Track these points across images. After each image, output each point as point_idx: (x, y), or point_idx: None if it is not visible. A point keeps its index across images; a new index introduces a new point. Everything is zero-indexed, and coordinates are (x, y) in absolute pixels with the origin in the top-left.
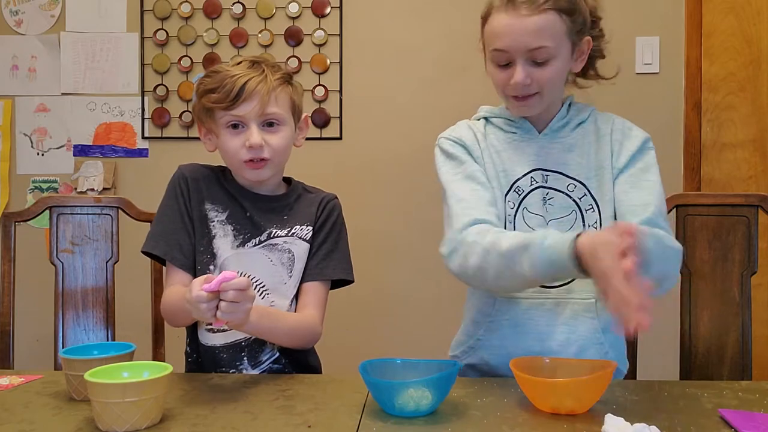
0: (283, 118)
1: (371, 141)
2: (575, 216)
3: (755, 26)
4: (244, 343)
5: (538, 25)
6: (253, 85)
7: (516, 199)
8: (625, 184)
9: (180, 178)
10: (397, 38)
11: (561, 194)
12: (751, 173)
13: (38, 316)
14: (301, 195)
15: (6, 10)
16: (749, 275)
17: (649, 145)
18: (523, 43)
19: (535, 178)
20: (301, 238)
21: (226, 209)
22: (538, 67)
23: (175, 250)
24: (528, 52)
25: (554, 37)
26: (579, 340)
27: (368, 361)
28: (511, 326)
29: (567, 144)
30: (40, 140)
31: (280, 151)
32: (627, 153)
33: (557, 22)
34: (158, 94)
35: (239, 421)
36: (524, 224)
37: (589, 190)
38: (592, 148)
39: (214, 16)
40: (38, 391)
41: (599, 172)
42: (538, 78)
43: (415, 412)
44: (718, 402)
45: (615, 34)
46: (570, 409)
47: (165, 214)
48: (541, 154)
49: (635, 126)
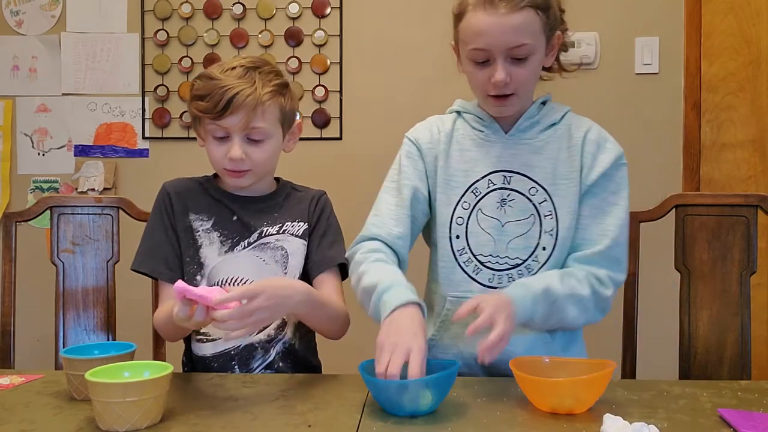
0: (268, 132)
1: (371, 141)
2: (533, 220)
3: (755, 26)
4: (233, 351)
5: (518, 23)
6: (241, 98)
7: (473, 200)
8: (593, 208)
9: (163, 195)
10: (397, 38)
11: (522, 197)
12: (751, 173)
13: (39, 316)
14: (290, 193)
15: (6, 10)
16: (748, 275)
17: (622, 161)
18: (503, 42)
19: (493, 181)
20: (293, 235)
21: (212, 217)
22: (517, 65)
23: (162, 266)
24: (508, 50)
25: (533, 34)
26: (527, 340)
27: (368, 360)
28: (461, 326)
29: (535, 146)
30: (40, 140)
31: (262, 163)
32: (599, 169)
33: (535, 18)
34: (159, 95)
35: (239, 421)
36: (478, 227)
37: (551, 196)
38: (562, 154)
39: (215, 16)
40: (39, 391)
41: (565, 181)
42: (518, 76)
43: (415, 411)
44: (718, 402)
45: (615, 34)
46: (569, 408)
47: (150, 231)
48: (505, 156)
49: (611, 138)
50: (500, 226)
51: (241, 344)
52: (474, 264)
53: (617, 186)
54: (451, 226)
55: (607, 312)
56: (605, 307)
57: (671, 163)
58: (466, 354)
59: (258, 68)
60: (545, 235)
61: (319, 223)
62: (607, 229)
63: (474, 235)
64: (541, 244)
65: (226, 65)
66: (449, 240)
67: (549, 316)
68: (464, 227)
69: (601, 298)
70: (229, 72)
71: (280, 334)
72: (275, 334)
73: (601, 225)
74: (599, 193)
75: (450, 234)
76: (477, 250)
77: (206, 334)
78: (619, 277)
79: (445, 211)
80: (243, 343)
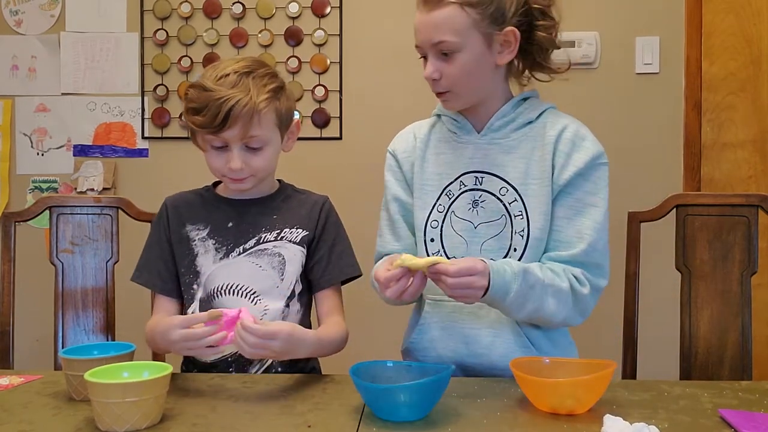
0: (266, 139)
1: (371, 141)
2: (505, 221)
3: (755, 26)
4: (230, 358)
5: (438, 19)
6: (238, 110)
7: (446, 203)
8: (567, 209)
9: (162, 209)
10: (397, 38)
11: (493, 198)
12: (751, 173)
13: (38, 316)
14: (291, 195)
15: (6, 10)
16: (749, 275)
17: (601, 161)
18: (427, 39)
19: (464, 182)
20: (291, 241)
21: (208, 225)
22: (445, 61)
23: (156, 278)
24: (432, 47)
25: (455, 30)
26: (504, 344)
27: (360, 363)
28: (440, 329)
29: (506, 146)
30: (40, 140)
31: (262, 169)
32: (572, 169)
33: (458, 14)
34: (158, 94)
35: (239, 421)
36: (451, 229)
37: (521, 196)
38: (535, 153)
39: (214, 16)
40: (38, 391)
41: (536, 181)
42: (447, 72)
43: (406, 416)
44: (718, 402)
45: (615, 34)
46: (570, 409)
47: (148, 245)
48: (476, 156)
49: (590, 137)
50: (473, 228)
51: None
52: None
53: (594, 186)
54: (425, 229)
55: (587, 316)
56: (584, 309)
57: (672, 163)
58: (444, 357)
59: (251, 73)
60: (516, 236)
61: (326, 232)
62: (583, 231)
63: (448, 238)
64: (513, 245)
65: (219, 71)
66: (424, 243)
67: (525, 300)
68: (438, 230)
69: (579, 295)
70: (222, 80)
71: None
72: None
73: (576, 227)
74: (573, 193)
75: (425, 237)
76: (451, 252)
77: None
78: (599, 282)
79: (421, 215)
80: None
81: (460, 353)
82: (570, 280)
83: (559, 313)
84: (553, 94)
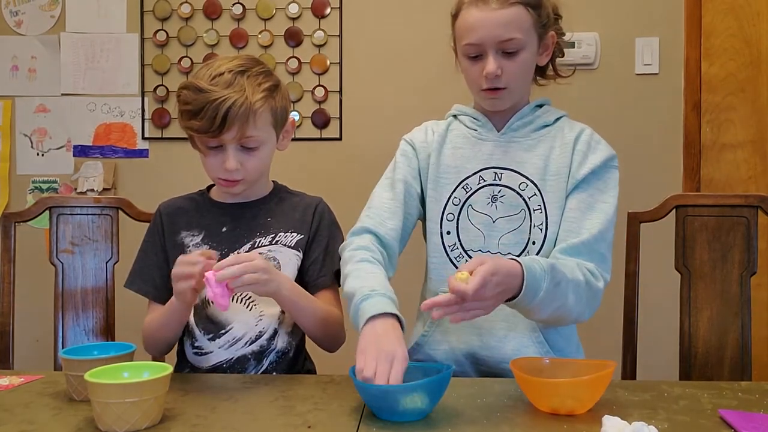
0: (262, 140)
1: (371, 141)
2: (524, 215)
3: (755, 27)
4: (225, 365)
5: (508, 18)
6: (234, 112)
7: (463, 196)
8: (579, 202)
9: (156, 216)
10: (397, 39)
11: (512, 192)
12: (751, 174)
13: (38, 316)
14: (284, 198)
15: (6, 10)
16: (749, 276)
17: (614, 164)
18: (494, 36)
19: (484, 177)
20: (285, 245)
21: (201, 231)
22: (508, 59)
23: (149, 286)
24: (499, 44)
25: (522, 29)
26: (518, 337)
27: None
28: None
29: (526, 144)
30: (40, 141)
31: (256, 171)
32: (589, 165)
33: (524, 14)
34: (158, 95)
35: (239, 421)
36: (468, 222)
37: (540, 190)
38: (554, 152)
39: (214, 16)
40: (38, 392)
41: (554, 177)
42: (509, 69)
43: (406, 417)
44: (718, 402)
45: (615, 34)
46: (570, 409)
47: (142, 251)
48: (496, 153)
49: (604, 142)
50: (491, 222)
51: (233, 357)
52: (465, 260)
53: (605, 185)
54: (441, 222)
55: (595, 310)
56: (595, 304)
57: (671, 163)
58: (456, 350)
59: (246, 71)
60: (535, 229)
61: (320, 234)
62: (593, 223)
63: (465, 231)
64: (532, 239)
65: (212, 70)
66: (440, 236)
67: (552, 299)
68: (455, 223)
69: (593, 289)
70: (217, 80)
71: (272, 344)
72: (267, 344)
73: (587, 219)
74: (587, 189)
75: (441, 230)
76: (468, 245)
77: (200, 348)
78: (605, 276)
79: (436, 208)
80: (235, 356)
81: (473, 345)
82: (584, 274)
83: (575, 309)
84: (553, 95)
